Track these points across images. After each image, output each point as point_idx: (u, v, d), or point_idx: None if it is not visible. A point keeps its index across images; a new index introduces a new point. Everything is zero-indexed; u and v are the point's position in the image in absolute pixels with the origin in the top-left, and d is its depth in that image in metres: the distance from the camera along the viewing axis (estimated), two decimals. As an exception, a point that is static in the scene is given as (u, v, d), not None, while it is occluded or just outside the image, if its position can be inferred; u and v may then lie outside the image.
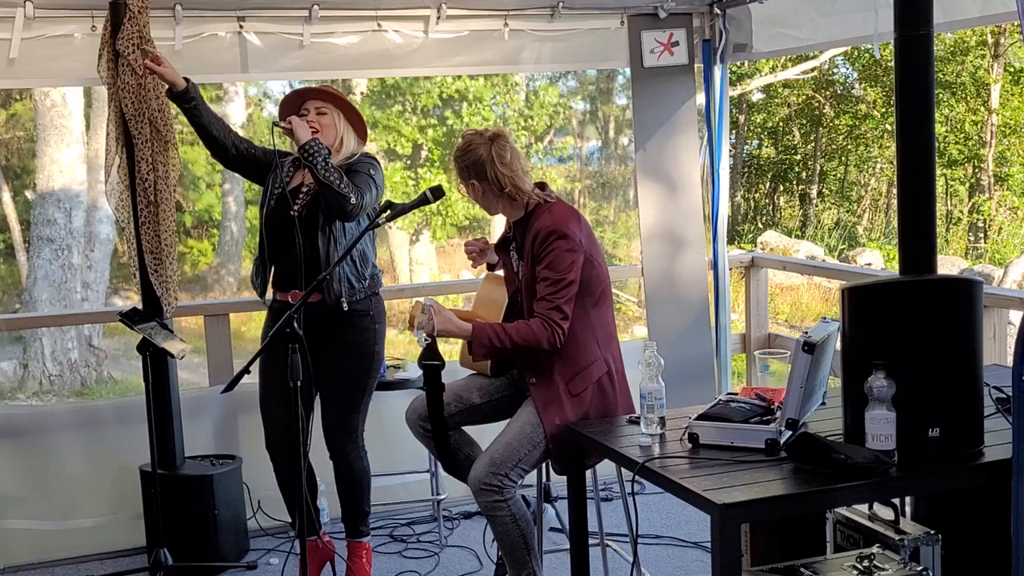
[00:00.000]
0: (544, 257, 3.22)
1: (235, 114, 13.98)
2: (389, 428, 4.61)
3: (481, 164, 3.32)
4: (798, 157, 19.71)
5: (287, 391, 3.35)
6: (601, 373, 3.33)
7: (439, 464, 3.82)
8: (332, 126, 3.87)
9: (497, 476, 3.23)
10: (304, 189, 3.84)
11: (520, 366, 3.39)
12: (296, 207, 3.82)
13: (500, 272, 3.67)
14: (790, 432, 2.74)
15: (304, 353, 3.20)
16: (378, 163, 3.94)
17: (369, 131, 4.06)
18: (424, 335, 3.21)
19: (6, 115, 14.06)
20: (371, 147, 13.10)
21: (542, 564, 3.45)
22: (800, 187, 19.75)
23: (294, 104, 3.93)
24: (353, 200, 3.64)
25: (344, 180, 3.65)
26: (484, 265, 3.76)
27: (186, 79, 3.83)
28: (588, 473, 3.39)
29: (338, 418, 3.92)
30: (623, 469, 3.13)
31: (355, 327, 3.85)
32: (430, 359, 3.29)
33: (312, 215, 3.78)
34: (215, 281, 14.88)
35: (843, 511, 3.07)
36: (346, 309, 3.78)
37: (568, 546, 3.37)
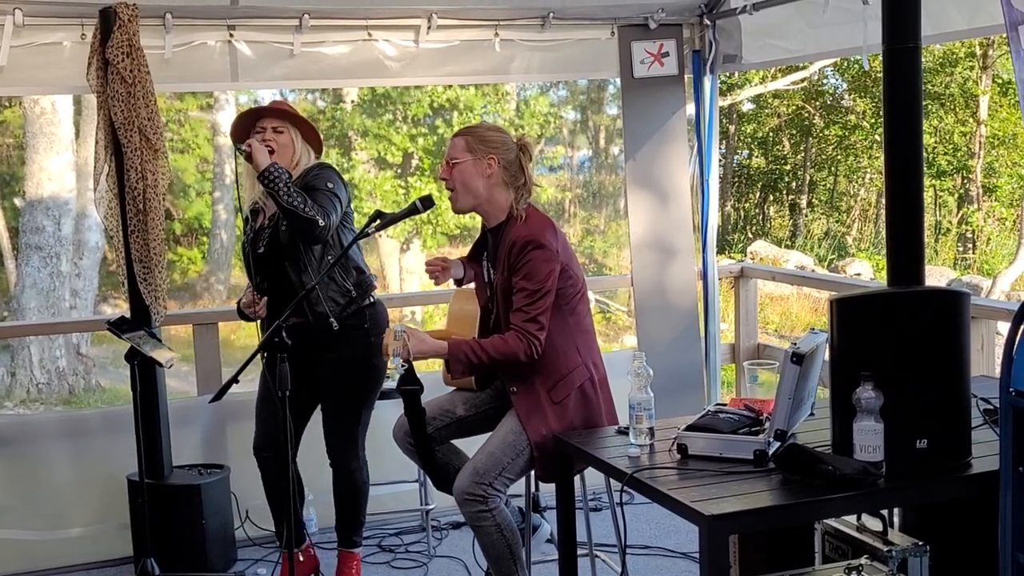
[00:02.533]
0: (521, 267, 3.21)
1: (226, 123, 13.94)
2: (378, 438, 4.58)
3: (511, 150, 3.34)
4: (788, 167, 19.77)
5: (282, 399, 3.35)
6: (583, 379, 3.33)
7: (427, 477, 3.81)
8: (289, 145, 3.81)
9: (481, 486, 3.22)
10: (266, 225, 3.80)
11: (501, 376, 3.38)
12: (261, 247, 3.81)
13: (469, 286, 3.65)
14: (778, 443, 2.74)
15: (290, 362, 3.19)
16: (335, 173, 3.85)
17: (360, 139, 4.04)
18: (400, 361, 3.18)
19: (-5, 122, 14.02)
20: (362, 156, 13.10)
21: (530, 574, 3.44)
22: (790, 197, 19.80)
23: (248, 123, 3.86)
24: (321, 223, 3.58)
25: (308, 204, 3.59)
26: (450, 281, 3.72)
27: None
28: (576, 483, 3.38)
29: (338, 429, 3.91)
30: (612, 479, 3.13)
31: (351, 341, 3.82)
32: (408, 384, 3.26)
33: (274, 249, 3.75)
34: (204, 289, 14.84)
35: (831, 522, 3.07)
36: (336, 328, 3.76)
37: (556, 556, 3.36)
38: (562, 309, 3.29)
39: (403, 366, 3.19)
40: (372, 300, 3.89)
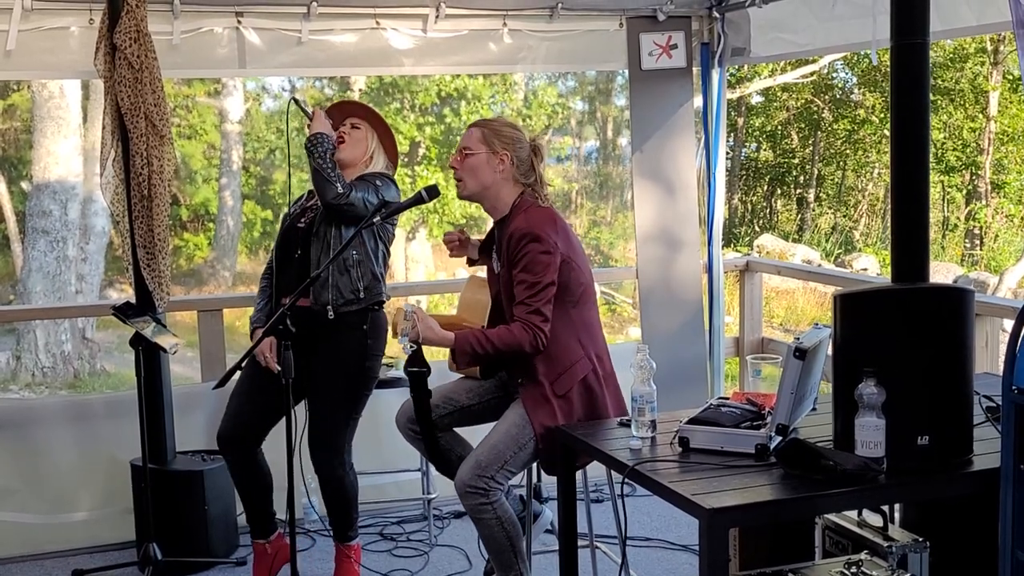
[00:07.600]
0: (519, 260, 3.22)
1: (233, 109, 13.95)
2: (381, 426, 4.60)
3: (524, 148, 3.37)
4: (796, 161, 19.74)
5: (260, 390, 3.34)
6: (586, 371, 3.32)
7: (430, 463, 3.81)
8: (363, 140, 3.87)
9: (482, 479, 3.23)
10: (311, 206, 3.84)
11: (508, 368, 3.39)
12: (303, 221, 3.83)
13: (482, 273, 3.66)
14: (780, 438, 2.74)
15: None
16: (393, 184, 3.87)
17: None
18: (408, 342, 3.19)
19: (3, 106, 14.02)
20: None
21: (530, 566, 3.45)
22: (797, 191, 19.78)
23: (336, 115, 3.93)
24: (340, 189, 3.61)
25: (336, 172, 3.66)
26: (465, 260, 3.73)
27: None
28: (578, 475, 3.38)
29: (322, 433, 3.81)
30: (613, 471, 3.13)
31: (345, 340, 3.77)
32: (415, 366, 3.26)
33: (313, 226, 3.77)
34: (210, 275, 14.86)
35: (832, 517, 3.07)
36: (331, 317, 3.72)
37: (557, 547, 3.37)
38: (564, 302, 3.29)
39: (411, 347, 3.19)
40: (377, 308, 3.86)
